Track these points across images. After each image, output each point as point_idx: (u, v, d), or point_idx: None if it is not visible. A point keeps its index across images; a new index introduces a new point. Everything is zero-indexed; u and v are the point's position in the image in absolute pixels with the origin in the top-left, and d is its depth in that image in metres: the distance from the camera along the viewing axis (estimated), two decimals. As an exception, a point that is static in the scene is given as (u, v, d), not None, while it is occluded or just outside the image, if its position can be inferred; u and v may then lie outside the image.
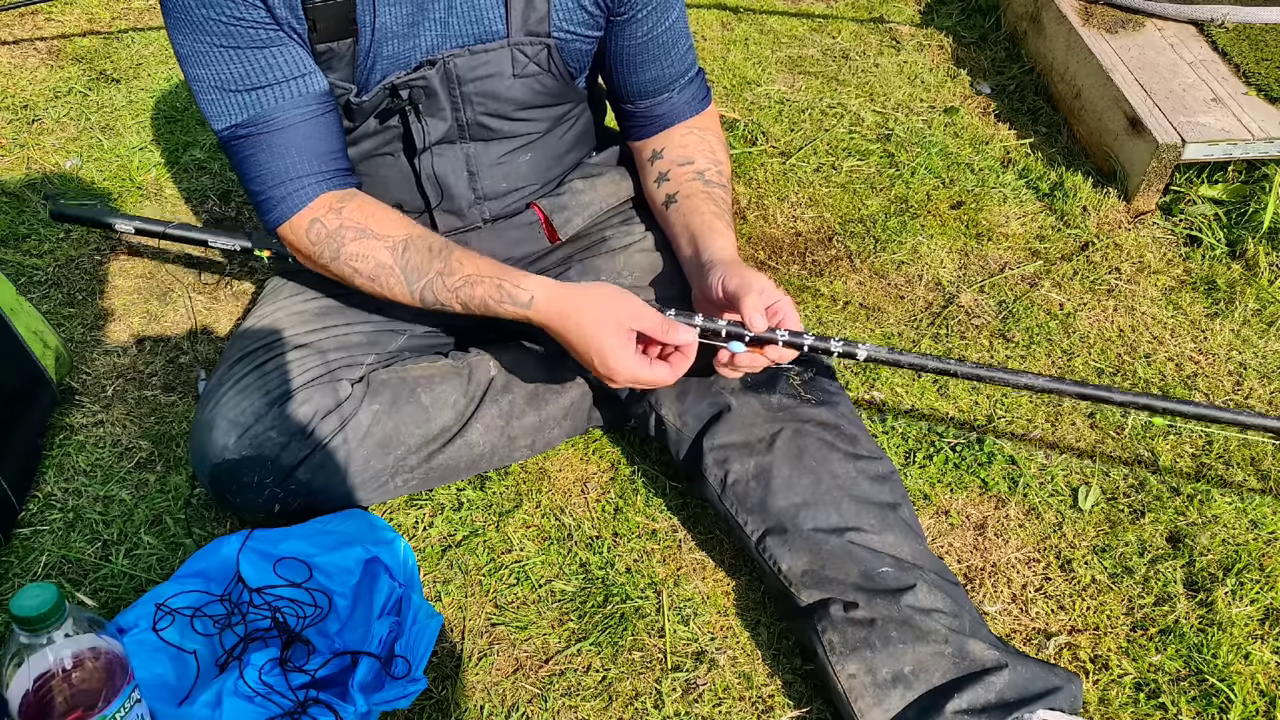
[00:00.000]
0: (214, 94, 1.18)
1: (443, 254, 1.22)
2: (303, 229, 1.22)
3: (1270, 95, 2.03)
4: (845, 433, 1.25)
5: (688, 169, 1.39)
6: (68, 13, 2.56)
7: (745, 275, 1.21)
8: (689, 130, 1.42)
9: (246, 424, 1.25)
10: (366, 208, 1.24)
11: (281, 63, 1.17)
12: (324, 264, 1.24)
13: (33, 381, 1.46)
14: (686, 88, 1.40)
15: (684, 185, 1.38)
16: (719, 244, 1.30)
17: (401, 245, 1.22)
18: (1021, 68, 2.44)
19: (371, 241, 1.22)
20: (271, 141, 1.19)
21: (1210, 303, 1.78)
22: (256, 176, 1.21)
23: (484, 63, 1.25)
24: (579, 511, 1.41)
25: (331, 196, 1.22)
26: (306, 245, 1.23)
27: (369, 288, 1.25)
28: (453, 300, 1.23)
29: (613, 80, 1.39)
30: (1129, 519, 1.41)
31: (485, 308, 1.21)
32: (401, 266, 1.22)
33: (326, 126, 1.22)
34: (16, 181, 1.99)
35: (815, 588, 1.17)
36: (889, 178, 2.07)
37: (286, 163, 1.20)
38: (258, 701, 1.08)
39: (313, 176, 1.21)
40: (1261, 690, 1.21)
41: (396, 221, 1.24)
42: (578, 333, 1.19)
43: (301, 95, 1.19)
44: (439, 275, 1.22)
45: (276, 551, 1.25)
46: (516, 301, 1.20)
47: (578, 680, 1.21)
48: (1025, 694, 1.08)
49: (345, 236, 1.22)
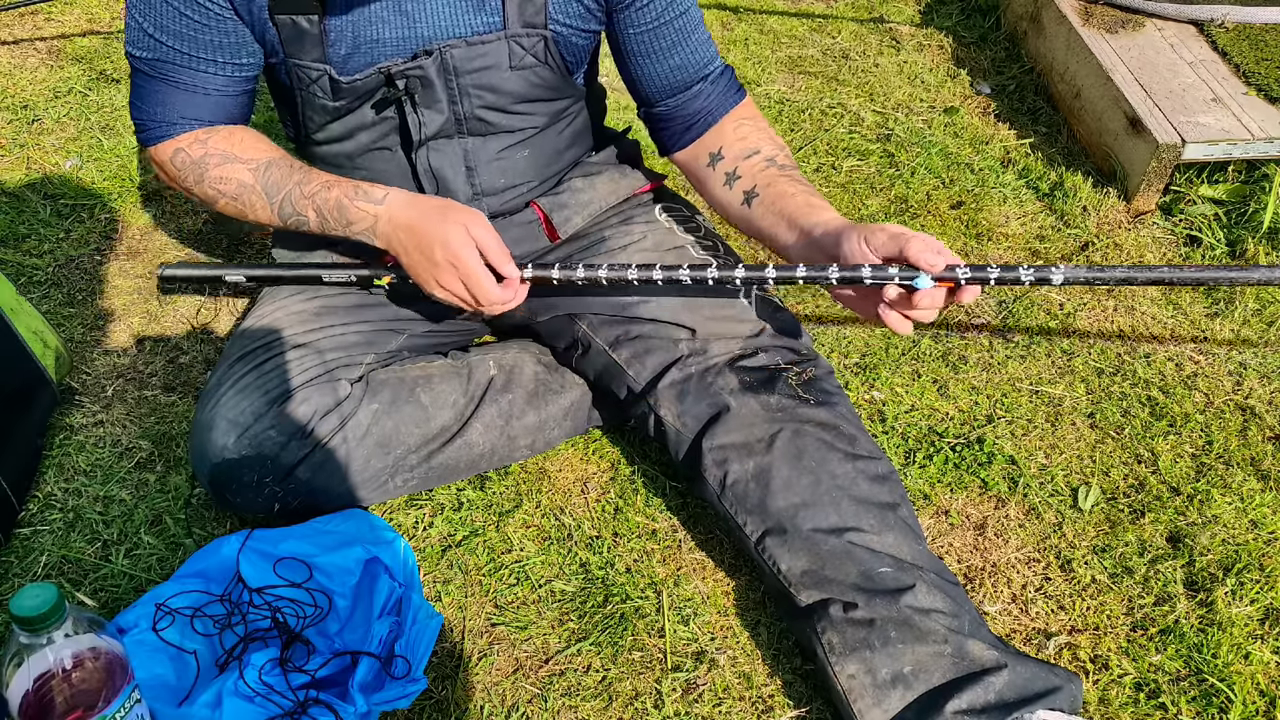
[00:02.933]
0: (135, 22, 1.23)
1: (302, 169, 1.28)
2: (166, 156, 1.30)
3: (1270, 95, 2.03)
4: (844, 433, 1.25)
5: (756, 159, 1.32)
6: (68, 13, 2.56)
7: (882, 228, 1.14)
8: (739, 122, 1.36)
9: (246, 424, 1.25)
10: (235, 135, 1.29)
11: (206, 41, 1.23)
12: (188, 187, 1.30)
13: (33, 381, 1.46)
14: (719, 78, 1.35)
15: (759, 176, 1.31)
16: (828, 215, 1.23)
17: (264, 165, 1.27)
18: (1021, 68, 2.44)
19: (235, 165, 1.27)
20: (163, 89, 1.27)
21: (1210, 303, 1.78)
22: (141, 105, 1.29)
23: (481, 54, 1.26)
24: (579, 511, 1.41)
25: (199, 130, 1.29)
26: (172, 170, 1.30)
27: (232, 208, 1.30)
28: (308, 208, 1.25)
29: (636, 79, 1.35)
30: (1129, 519, 1.41)
31: (339, 208, 1.24)
32: (263, 184, 1.27)
33: (221, 105, 1.29)
34: (16, 181, 1.99)
35: (815, 588, 1.17)
36: (889, 178, 2.07)
37: (171, 110, 1.27)
38: (258, 701, 1.08)
39: (189, 123, 1.28)
40: (1261, 690, 1.21)
41: (263, 146, 1.30)
42: (424, 224, 1.21)
43: (210, 74, 1.25)
44: (297, 185, 1.26)
45: (276, 551, 1.25)
46: (371, 198, 1.23)
47: (578, 680, 1.21)
48: (1025, 694, 1.08)
49: (209, 163, 1.27)
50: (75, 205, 1.94)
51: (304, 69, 1.24)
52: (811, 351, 1.35)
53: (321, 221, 1.26)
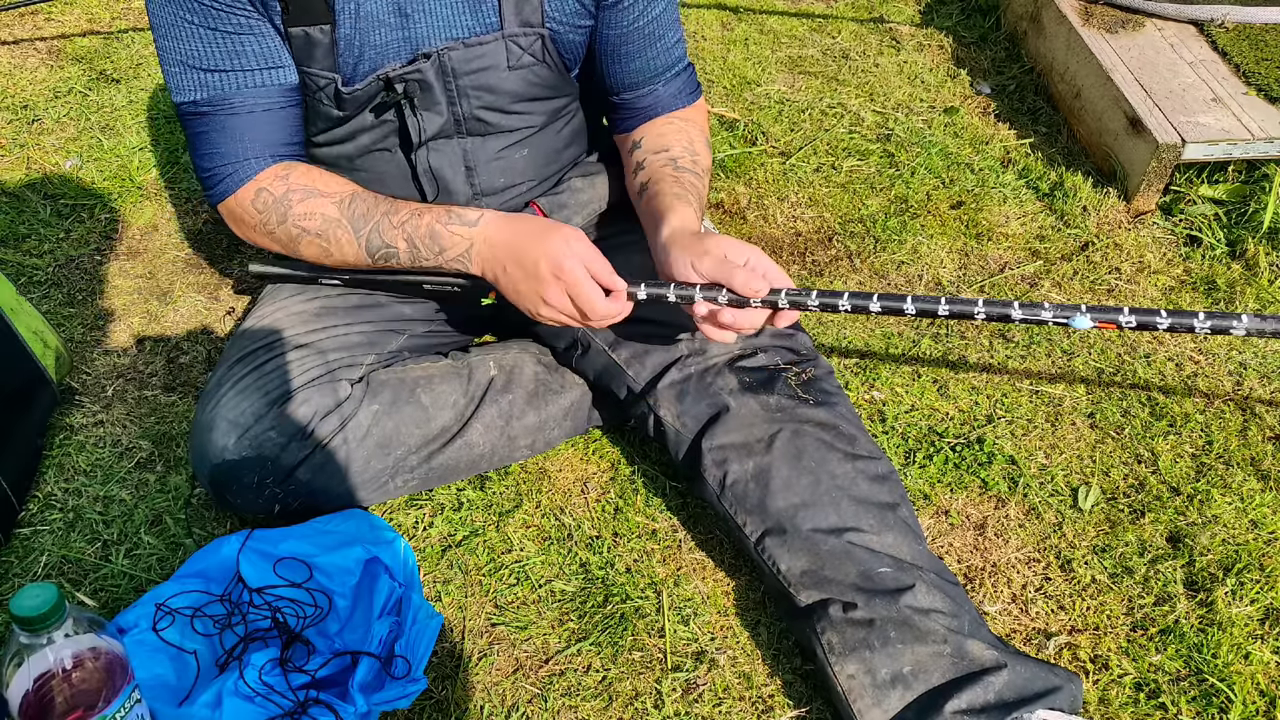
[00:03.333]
0: (178, 67, 1.20)
1: (388, 200, 1.25)
2: (248, 199, 1.25)
3: (1270, 95, 2.03)
4: (844, 433, 1.25)
5: (661, 156, 1.36)
6: (68, 13, 2.56)
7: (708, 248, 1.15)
8: (670, 120, 1.39)
9: (246, 424, 1.25)
10: (312, 172, 1.26)
11: (250, 51, 1.19)
12: (270, 229, 1.26)
13: (33, 381, 1.46)
14: (673, 80, 1.39)
15: (655, 172, 1.34)
16: (673, 220, 1.24)
17: (348, 198, 1.25)
18: (1021, 68, 2.44)
19: (318, 199, 1.24)
20: (226, 124, 1.22)
21: (1210, 303, 1.77)
22: (206, 154, 1.24)
23: (479, 55, 1.26)
24: (579, 511, 1.41)
25: (278, 167, 1.25)
26: (253, 214, 1.25)
27: (316, 246, 1.26)
28: (398, 237, 1.22)
29: (601, 71, 1.37)
30: (1129, 519, 1.41)
31: (432, 235, 1.21)
32: (349, 217, 1.24)
33: (285, 119, 1.25)
34: (16, 181, 1.99)
35: (814, 588, 1.17)
36: (889, 178, 2.07)
37: (238, 146, 1.23)
38: (258, 701, 1.08)
39: (261, 159, 1.24)
40: (1261, 690, 1.21)
41: (344, 181, 1.27)
42: (525, 245, 1.17)
43: (265, 86, 1.21)
44: (385, 215, 1.23)
45: (276, 551, 1.25)
46: (465, 220, 1.21)
47: (578, 680, 1.21)
48: (1025, 694, 1.08)
49: (292, 199, 1.24)
50: (75, 205, 1.94)
51: (313, 77, 1.23)
52: (811, 351, 1.35)
53: (412, 251, 1.23)
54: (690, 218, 1.25)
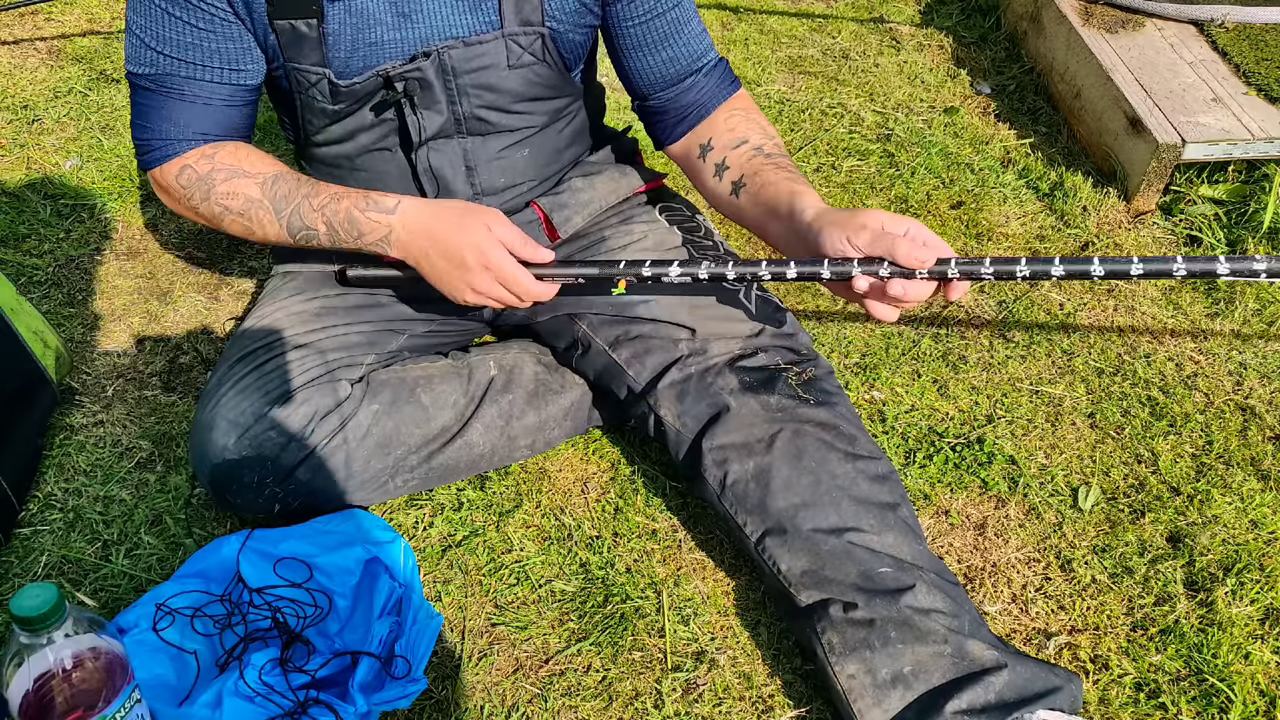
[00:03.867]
0: (137, 40, 1.22)
1: (310, 182, 1.26)
2: (172, 175, 1.27)
3: (1270, 95, 2.03)
4: (844, 433, 1.25)
5: (744, 149, 1.32)
6: (68, 13, 2.56)
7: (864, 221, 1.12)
8: (731, 112, 1.35)
9: (246, 424, 1.25)
10: (240, 151, 1.27)
11: (210, 48, 1.21)
12: (194, 206, 1.28)
13: (33, 381, 1.46)
14: (712, 70, 1.35)
15: (746, 166, 1.30)
16: (809, 201, 1.21)
17: (271, 179, 1.25)
18: (1021, 68, 2.44)
19: (242, 179, 1.25)
20: (167, 105, 1.24)
21: (1210, 303, 1.78)
22: (144, 125, 1.26)
23: (479, 54, 1.25)
24: (579, 511, 1.41)
25: (205, 147, 1.26)
26: (177, 189, 1.27)
27: (238, 224, 1.27)
28: (318, 220, 1.23)
29: (630, 71, 1.35)
30: (1129, 519, 1.41)
31: (350, 221, 1.22)
32: (270, 198, 1.25)
33: (228, 116, 1.27)
34: (16, 181, 1.99)
35: (815, 588, 1.17)
36: (889, 178, 2.07)
37: (171, 127, 1.25)
38: (258, 701, 1.08)
39: (194, 141, 1.26)
40: (1261, 690, 1.21)
41: (269, 161, 1.28)
42: (446, 229, 1.19)
43: (216, 84, 1.24)
44: (305, 198, 1.24)
45: (276, 551, 1.25)
46: (382, 208, 1.22)
47: (578, 680, 1.21)
48: (1025, 694, 1.08)
49: (216, 178, 1.25)
50: (75, 205, 1.94)
51: (303, 73, 1.24)
52: (811, 351, 1.35)
53: (332, 234, 1.24)
54: (819, 199, 1.22)
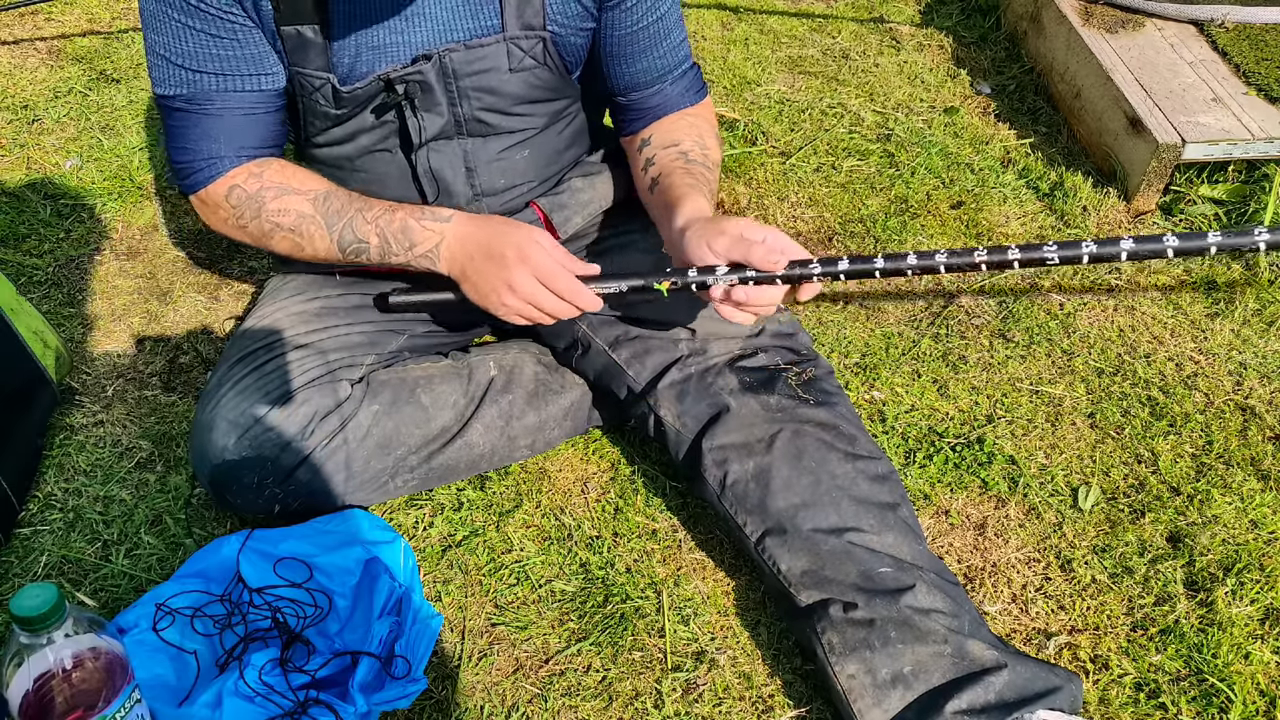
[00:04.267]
0: (161, 60, 1.21)
1: (361, 197, 1.26)
2: (221, 194, 1.26)
3: (1270, 95, 2.03)
4: (844, 433, 1.25)
5: (672, 150, 1.35)
6: (68, 13, 2.56)
7: (724, 228, 1.15)
8: (680, 117, 1.39)
9: (246, 425, 1.25)
10: (287, 169, 1.27)
11: (235, 56, 1.20)
12: (243, 225, 1.27)
13: (33, 381, 1.46)
14: (680, 80, 1.38)
15: (665, 166, 1.34)
16: (687, 207, 1.23)
17: (323, 195, 1.26)
18: (1021, 68, 2.44)
19: (293, 196, 1.25)
20: (204, 122, 1.23)
21: (1210, 303, 1.78)
22: (181, 147, 1.25)
23: (480, 57, 1.25)
24: (579, 511, 1.41)
25: (251, 164, 1.26)
26: (226, 209, 1.27)
27: (288, 241, 1.27)
28: (371, 233, 1.24)
29: (605, 72, 1.37)
30: (1129, 519, 1.41)
31: (405, 230, 1.23)
32: (323, 213, 1.25)
33: (263, 124, 1.26)
34: (16, 181, 1.99)
35: (815, 588, 1.17)
36: (889, 178, 2.07)
37: (213, 145, 1.24)
38: (258, 702, 1.08)
39: (235, 157, 1.25)
40: (1261, 690, 1.21)
41: (318, 178, 1.28)
42: (491, 236, 1.20)
43: (245, 91, 1.23)
44: (358, 212, 1.25)
45: (276, 551, 1.25)
46: (438, 217, 1.23)
47: (578, 680, 1.21)
48: (1025, 694, 1.08)
49: (266, 196, 1.25)
50: (75, 205, 1.94)
51: (308, 77, 1.23)
52: (811, 351, 1.35)
53: (384, 246, 1.24)
54: (703, 205, 1.25)
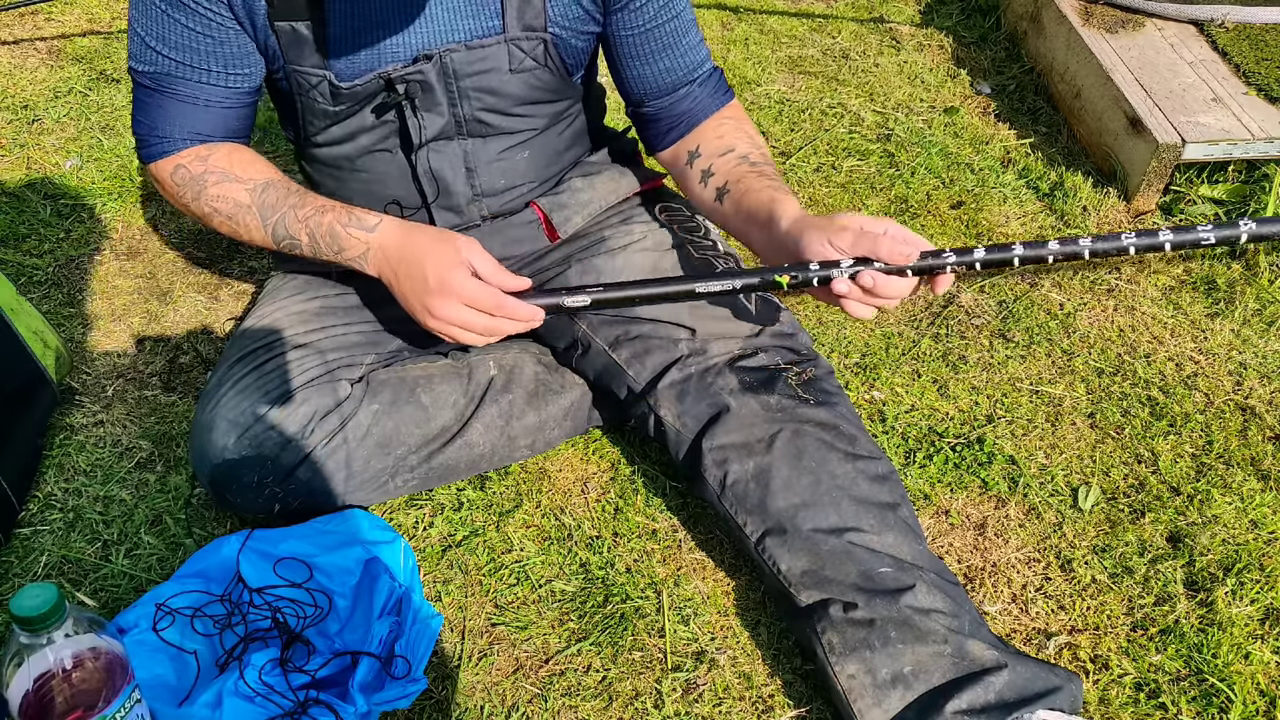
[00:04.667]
0: (138, 38, 1.23)
1: (299, 193, 1.27)
2: (167, 172, 1.28)
3: (1270, 95, 2.03)
4: (844, 433, 1.25)
5: (730, 157, 1.33)
6: (68, 13, 2.56)
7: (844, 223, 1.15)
8: (721, 121, 1.37)
9: (246, 424, 1.25)
10: (234, 155, 1.28)
11: (211, 52, 1.22)
12: (185, 203, 1.30)
13: (33, 381, 1.46)
14: (706, 81, 1.37)
15: (731, 173, 1.32)
16: (786, 209, 1.22)
17: (261, 186, 1.26)
18: (1021, 68, 2.44)
19: (233, 184, 1.26)
20: (165, 103, 1.25)
21: (1210, 303, 1.78)
22: (143, 120, 1.28)
23: (481, 58, 1.25)
24: (579, 511, 1.41)
25: (202, 147, 1.28)
26: (171, 186, 1.29)
27: (226, 227, 1.29)
28: (301, 231, 1.25)
29: (626, 79, 1.36)
30: (1129, 519, 1.41)
31: (332, 235, 1.23)
32: (258, 205, 1.26)
33: (225, 117, 1.28)
34: (16, 181, 1.99)
35: (815, 588, 1.17)
36: (889, 178, 2.07)
37: (173, 125, 1.26)
38: (258, 702, 1.08)
39: (191, 139, 1.27)
40: (1261, 690, 1.21)
41: (261, 167, 1.29)
42: (414, 255, 1.20)
43: (213, 86, 1.24)
44: (292, 209, 1.25)
45: (276, 551, 1.25)
46: (364, 225, 1.23)
47: (578, 680, 1.21)
48: (1025, 694, 1.08)
49: (209, 180, 1.26)
50: (75, 205, 1.94)
51: (304, 74, 1.24)
52: (811, 351, 1.35)
53: (314, 245, 1.25)
54: (797, 205, 1.24)
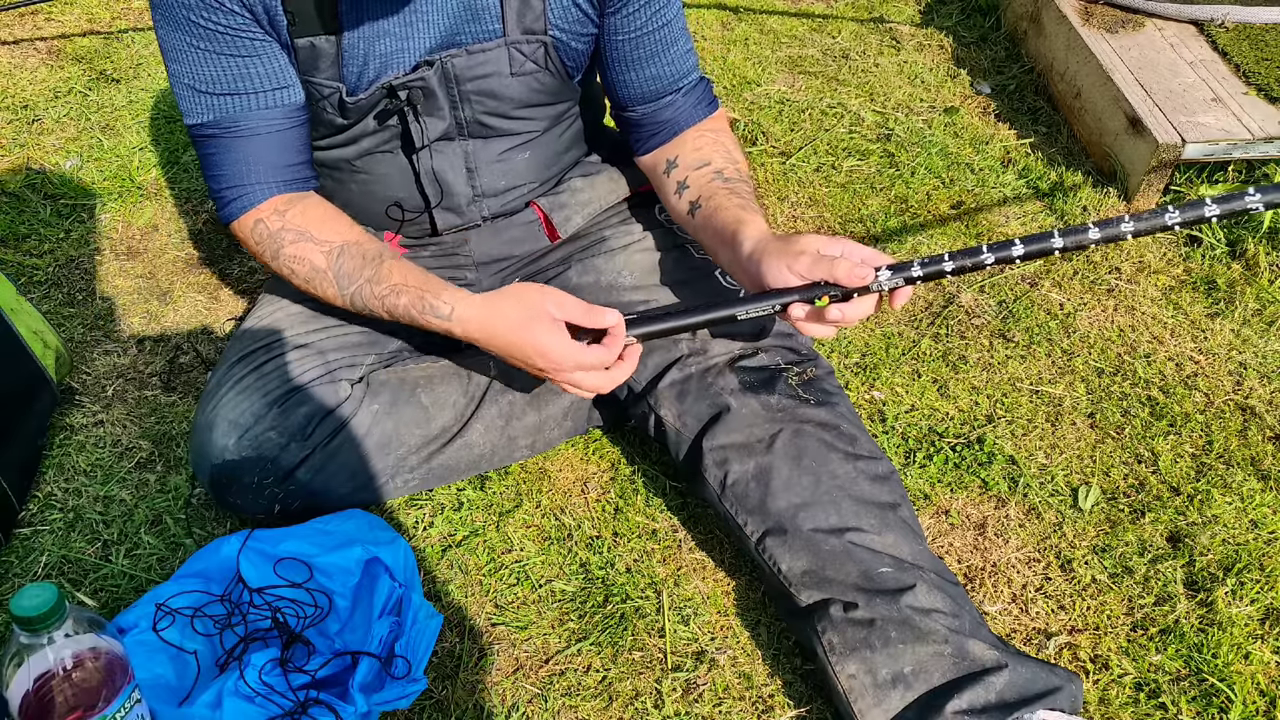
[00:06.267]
0: (187, 90, 1.21)
1: (374, 262, 1.24)
2: (248, 228, 1.26)
3: (1270, 95, 2.03)
4: (845, 433, 1.25)
5: (705, 170, 1.34)
6: (68, 13, 2.56)
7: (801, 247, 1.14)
8: (700, 133, 1.38)
9: (246, 425, 1.25)
10: (310, 211, 1.26)
11: (257, 73, 1.20)
12: (266, 260, 1.28)
13: (33, 381, 1.46)
14: (691, 91, 1.37)
15: (704, 188, 1.32)
16: (750, 231, 1.22)
17: (337, 251, 1.24)
18: (1021, 68, 2.44)
19: (309, 245, 1.25)
20: (233, 145, 1.23)
21: (1210, 303, 1.78)
22: (215, 175, 1.25)
23: (482, 62, 1.26)
24: (579, 511, 1.41)
25: (279, 199, 1.26)
26: (252, 243, 1.27)
27: (305, 288, 1.28)
28: (379, 308, 1.24)
29: (612, 83, 1.36)
30: (1129, 519, 1.41)
31: (410, 318, 1.23)
32: (335, 271, 1.24)
33: (291, 139, 1.25)
34: (16, 181, 1.99)
35: (815, 588, 1.17)
36: (889, 178, 2.07)
37: (244, 169, 1.24)
38: (258, 702, 1.08)
39: (266, 185, 1.25)
40: (1261, 690, 1.21)
41: (337, 227, 1.26)
42: (507, 337, 1.19)
43: (272, 107, 1.22)
44: (368, 283, 1.24)
45: (276, 551, 1.25)
46: (437, 314, 1.21)
47: (578, 680, 1.21)
48: (1025, 694, 1.08)
49: (285, 239, 1.25)
50: (75, 205, 1.94)
51: (317, 86, 1.23)
52: (811, 351, 1.35)
53: (394, 319, 1.25)
54: (763, 225, 1.24)
